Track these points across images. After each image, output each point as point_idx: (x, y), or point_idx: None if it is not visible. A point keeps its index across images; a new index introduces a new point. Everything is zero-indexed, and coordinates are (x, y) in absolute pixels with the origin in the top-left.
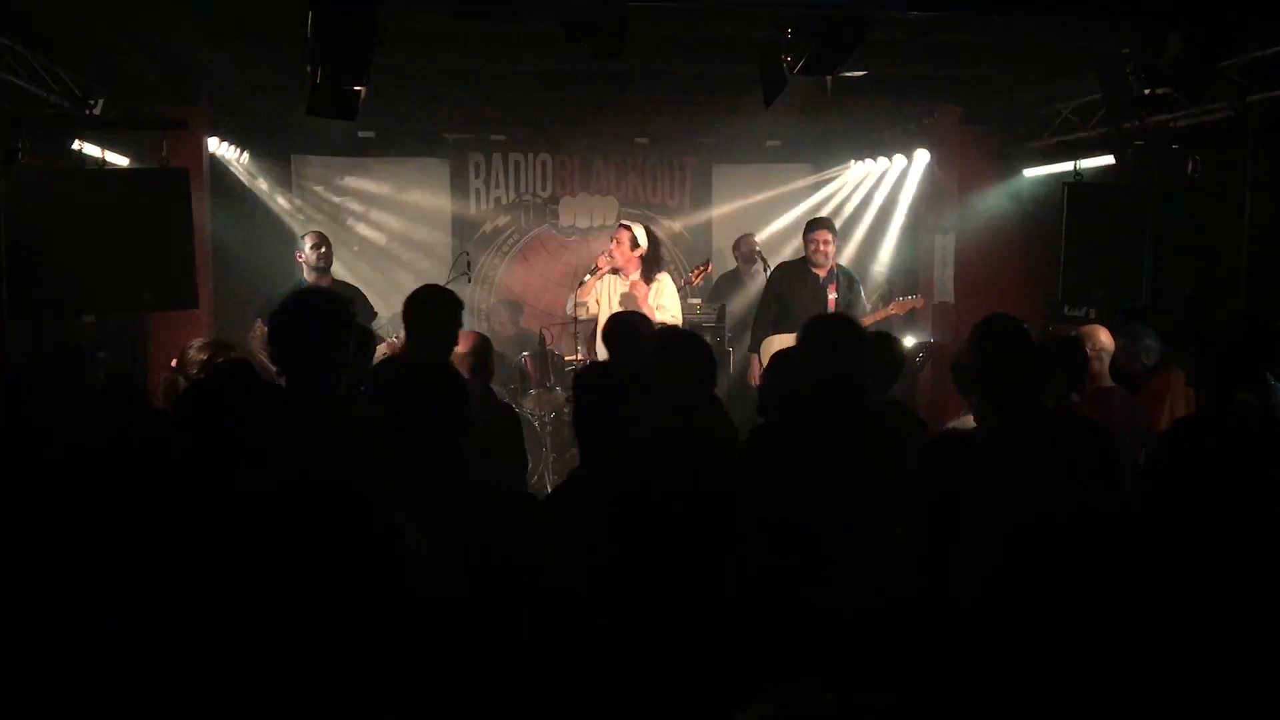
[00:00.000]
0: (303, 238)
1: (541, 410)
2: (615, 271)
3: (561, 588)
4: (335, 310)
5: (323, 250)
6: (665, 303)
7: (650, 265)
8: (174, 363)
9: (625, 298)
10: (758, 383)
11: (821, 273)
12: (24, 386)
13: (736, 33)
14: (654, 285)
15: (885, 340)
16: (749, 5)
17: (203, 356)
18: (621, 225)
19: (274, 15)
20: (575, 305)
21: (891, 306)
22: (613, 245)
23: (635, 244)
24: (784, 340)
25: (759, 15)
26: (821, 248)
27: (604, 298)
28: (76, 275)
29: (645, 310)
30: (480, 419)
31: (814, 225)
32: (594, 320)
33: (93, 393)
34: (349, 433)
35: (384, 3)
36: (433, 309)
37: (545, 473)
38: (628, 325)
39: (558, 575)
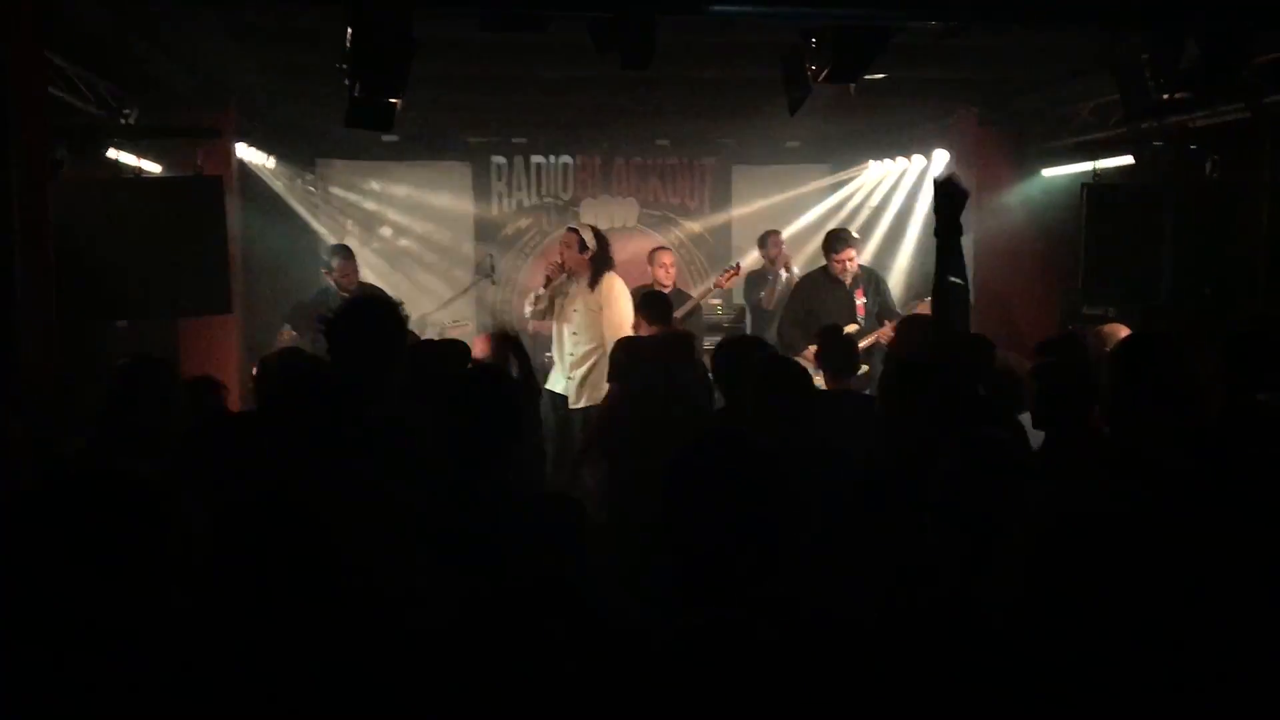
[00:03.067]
0: (330, 255)
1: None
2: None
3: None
4: (391, 315)
5: (349, 267)
6: (614, 302)
7: (600, 266)
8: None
9: (577, 300)
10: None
11: (847, 279)
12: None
13: (759, 40)
14: (601, 285)
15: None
16: (775, 17)
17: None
18: (569, 229)
19: (301, 24)
20: (531, 312)
21: (918, 309)
22: (562, 249)
23: (584, 247)
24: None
25: (783, 25)
26: (848, 264)
27: (559, 302)
28: (112, 281)
29: (611, 314)
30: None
31: (836, 242)
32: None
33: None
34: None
35: (416, 16)
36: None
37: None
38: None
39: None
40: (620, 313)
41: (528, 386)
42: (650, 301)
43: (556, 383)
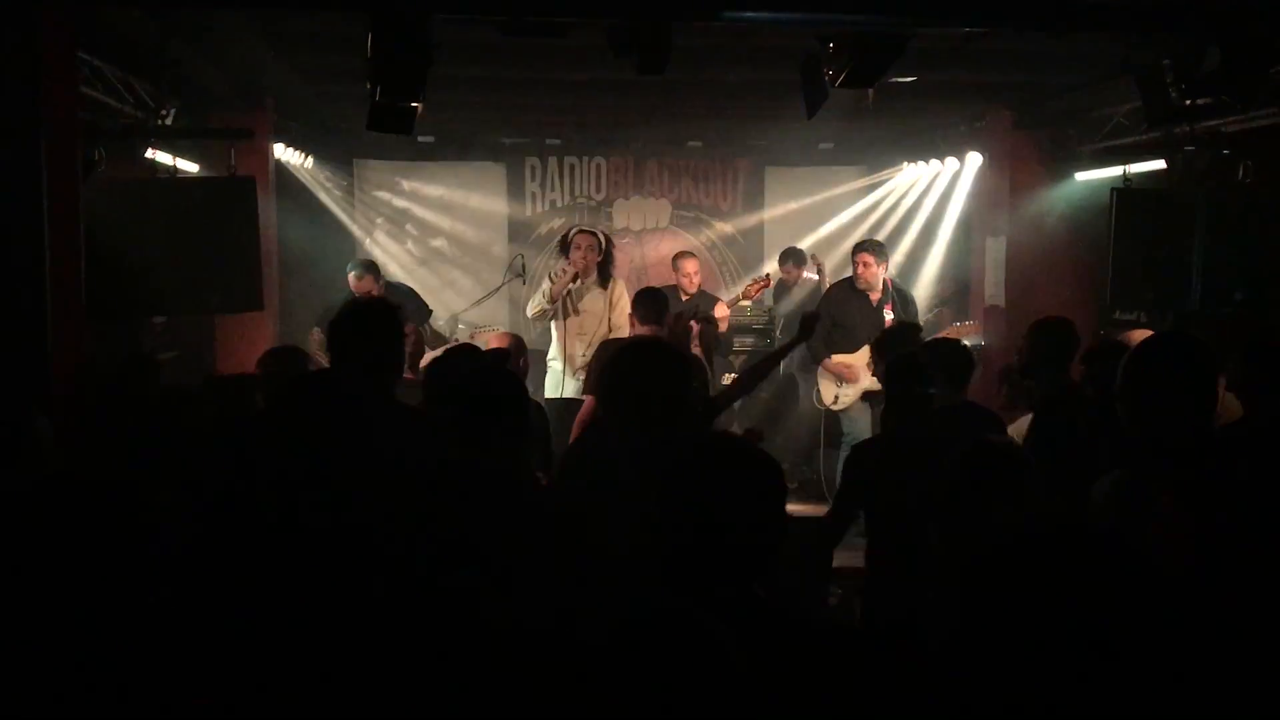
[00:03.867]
0: (349, 269)
1: None
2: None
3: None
4: (385, 316)
5: (365, 281)
6: (620, 308)
7: (609, 270)
8: None
9: (588, 303)
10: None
11: (875, 295)
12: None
13: (781, 44)
14: (614, 287)
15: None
16: (787, 23)
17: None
18: (589, 231)
19: (335, 27)
20: (537, 311)
21: (946, 333)
22: (586, 251)
23: (601, 250)
24: (842, 359)
25: (798, 30)
26: (861, 270)
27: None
28: (148, 279)
29: (617, 318)
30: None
31: (857, 247)
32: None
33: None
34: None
35: (440, 21)
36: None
37: None
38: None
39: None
40: (624, 317)
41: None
42: (642, 299)
43: (563, 387)
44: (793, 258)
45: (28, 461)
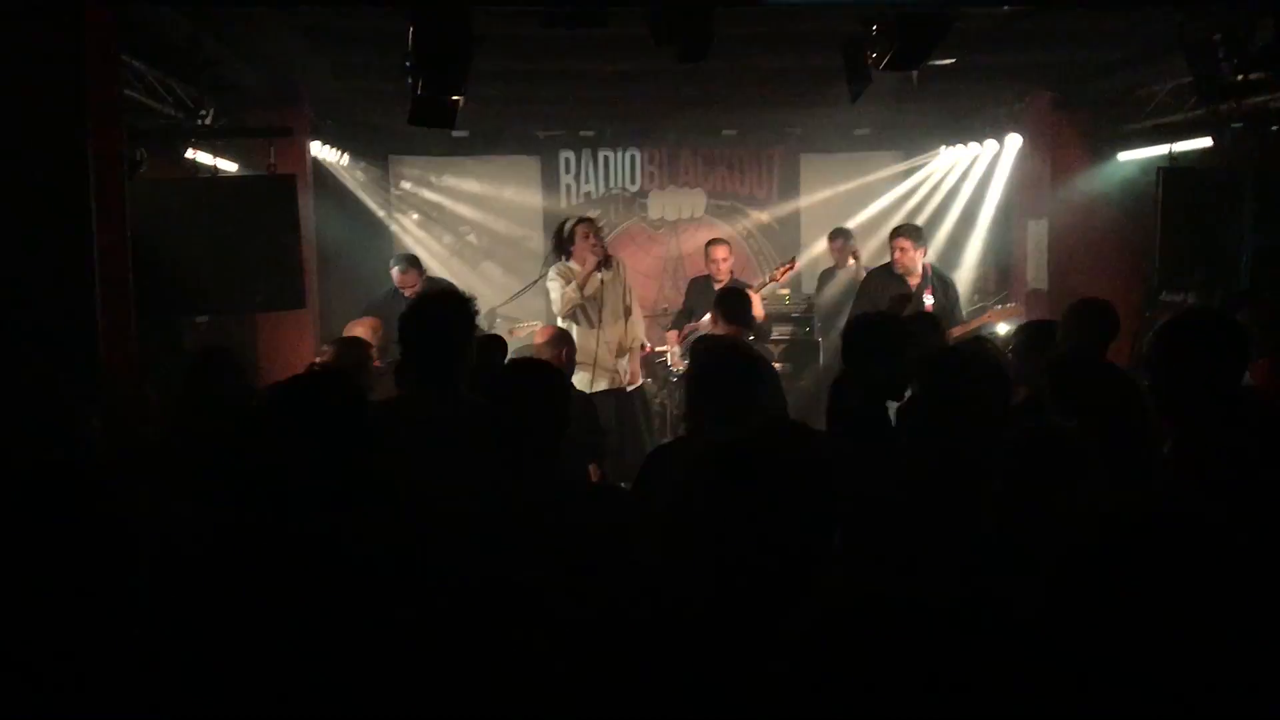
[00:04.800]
0: (393, 263)
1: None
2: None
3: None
4: (462, 311)
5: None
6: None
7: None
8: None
9: (612, 293)
10: None
11: (915, 279)
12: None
13: (821, 29)
14: (623, 270)
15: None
16: (830, 4)
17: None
18: (588, 220)
19: (371, 24)
20: (566, 306)
21: (987, 315)
22: (591, 241)
23: (600, 240)
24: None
25: (842, 12)
26: (898, 255)
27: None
28: (191, 278)
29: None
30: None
31: (893, 232)
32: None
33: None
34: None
35: (479, 13)
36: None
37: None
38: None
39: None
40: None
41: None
42: (725, 300)
43: (595, 381)
44: (843, 235)
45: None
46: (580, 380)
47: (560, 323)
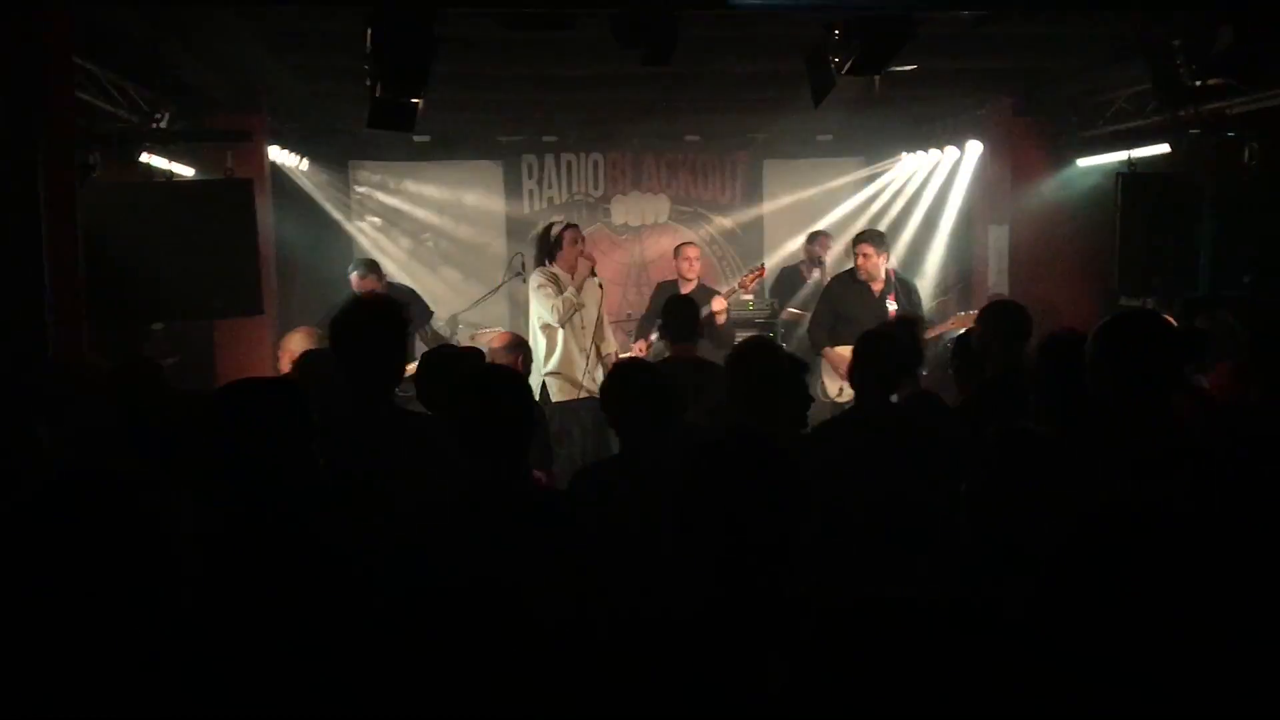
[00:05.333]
0: (351, 268)
1: None
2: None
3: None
4: (390, 316)
5: (365, 283)
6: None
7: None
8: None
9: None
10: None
11: (878, 285)
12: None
13: (784, 33)
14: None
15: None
16: (796, 9)
17: None
18: (575, 225)
19: (331, 27)
20: (560, 317)
21: (951, 321)
22: (579, 246)
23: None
24: (845, 352)
25: (807, 17)
26: (861, 261)
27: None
28: (147, 284)
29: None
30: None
31: (856, 238)
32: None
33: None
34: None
35: (441, 17)
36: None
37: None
38: None
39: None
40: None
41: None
42: (670, 321)
43: (581, 389)
44: (824, 234)
45: (31, 466)
46: (561, 389)
47: (539, 330)
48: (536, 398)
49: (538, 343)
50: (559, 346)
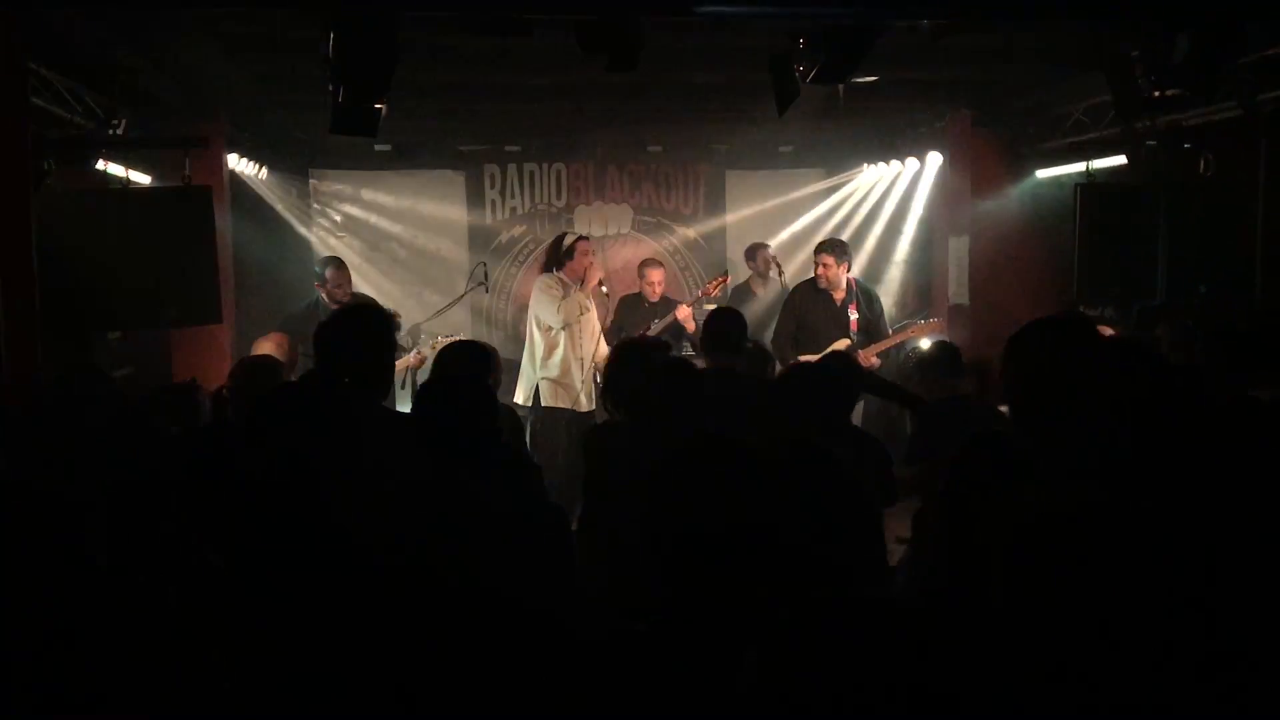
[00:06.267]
0: (323, 266)
1: None
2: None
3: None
4: (382, 324)
5: (342, 277)
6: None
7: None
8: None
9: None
10: None
11: (840, 294)
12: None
13: (749, 44)
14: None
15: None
16: (762, 18)
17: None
18: (587, 238)
19: (292, 33)
20: (576, 304)
21: (911, 330)
22: (589, 258)
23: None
24: (808, 360)
25: (772, 26)
26: (821, 270)
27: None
28: (102, 293)
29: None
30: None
31: (817, 248)
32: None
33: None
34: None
35: (403, 22)
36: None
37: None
38: None
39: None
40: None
41: None
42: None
43: (565, 396)
44: (761, 247)
45: None
46: (555, 394)
47: (538, 332)
48: (529, 399)
49: (536, 345)
50: (559, 351)
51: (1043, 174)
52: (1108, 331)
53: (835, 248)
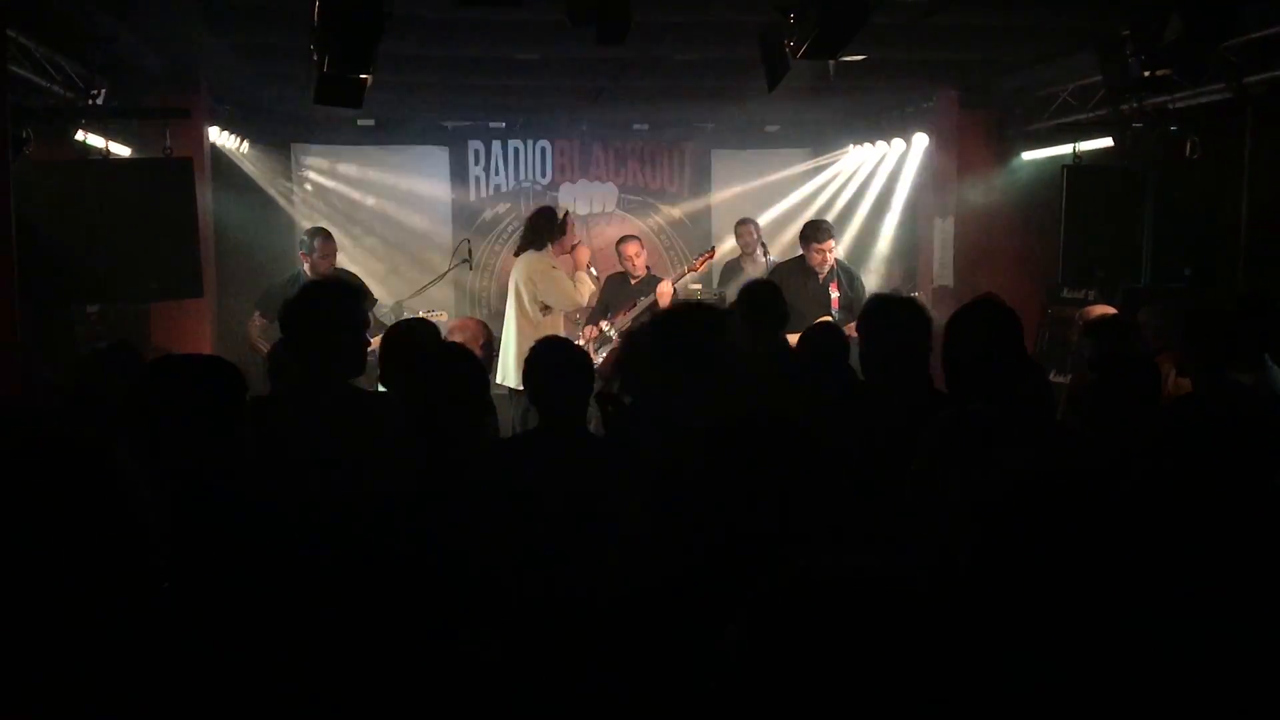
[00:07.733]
0: (310, 237)
1: None
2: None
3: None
4: (350, 300)
5: (329, 248)
6: None
7: None
8: None
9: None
10: None
11: (823, 271)
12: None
13: (737, 19)
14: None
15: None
16: None
17: None
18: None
19: (274, 3)
20: (586, 292)
21: None
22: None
23: None
24: (790, 339)
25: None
26: (819, 257)
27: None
28: (82, 265)
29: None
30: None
31: (816, 235)
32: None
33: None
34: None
35: None
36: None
37: None
38: None
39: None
40: None
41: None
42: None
43: None
44: (751, 222)
45: None
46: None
47: (537, 310)
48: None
49: (535, 323)
50: (558, 332)
51: (1029, 156)
52: (1101, 310)
53: (833, 231)
